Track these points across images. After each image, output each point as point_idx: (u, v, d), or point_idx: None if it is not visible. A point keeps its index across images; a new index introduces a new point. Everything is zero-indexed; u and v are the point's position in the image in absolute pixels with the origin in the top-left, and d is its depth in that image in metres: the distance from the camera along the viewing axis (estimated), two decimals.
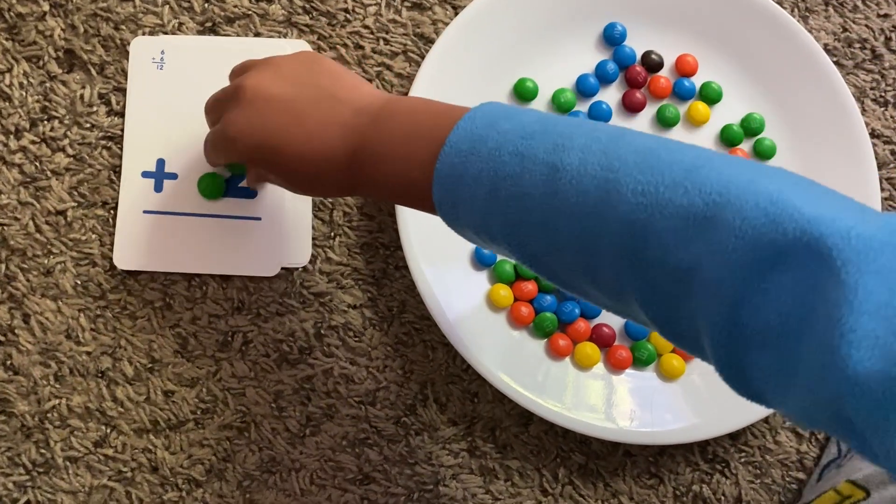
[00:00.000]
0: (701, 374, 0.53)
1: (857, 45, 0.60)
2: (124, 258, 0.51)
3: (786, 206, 0.27)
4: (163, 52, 0.53)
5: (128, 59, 0.53)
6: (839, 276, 0.25)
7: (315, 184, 0.43)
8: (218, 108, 0.45)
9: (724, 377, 0.30)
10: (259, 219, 0.52)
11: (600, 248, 0.31)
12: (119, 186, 0.52)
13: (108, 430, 0.49)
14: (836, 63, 0.59)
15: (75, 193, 0.52)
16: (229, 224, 0.52)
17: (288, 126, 0.41)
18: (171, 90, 0.53)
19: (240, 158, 0.44)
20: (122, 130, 0.52)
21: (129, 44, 0.53)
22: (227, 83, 0.53)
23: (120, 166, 0.52)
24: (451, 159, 0.35)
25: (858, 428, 0.26)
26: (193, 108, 0.52)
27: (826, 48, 0.59)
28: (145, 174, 0.52)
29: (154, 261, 0.51)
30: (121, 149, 0.52)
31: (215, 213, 0.52)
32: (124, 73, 0.53)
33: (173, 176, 0.52)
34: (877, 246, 0.25)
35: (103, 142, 0.52)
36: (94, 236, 0.51)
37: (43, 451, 0.49)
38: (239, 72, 0.46)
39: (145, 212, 0.51)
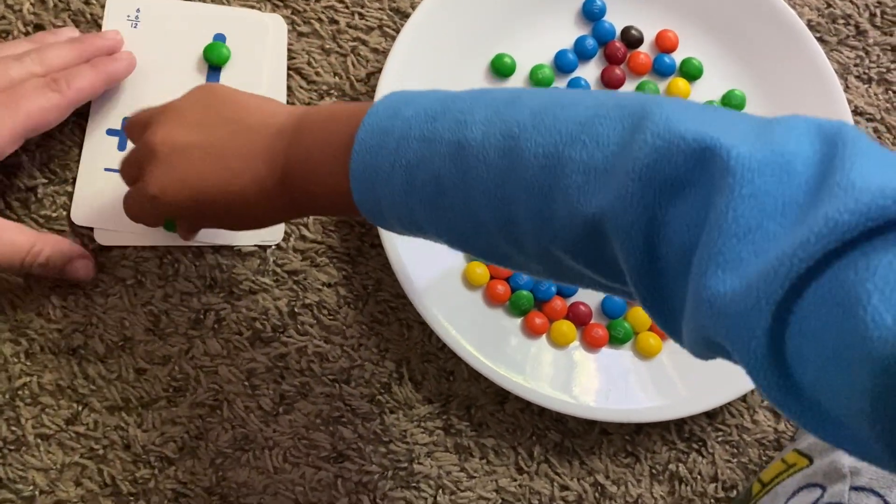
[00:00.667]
0: (677, 352, 0.53)
1: (842, 21, 0.60)
2: (82, 215, 0.50)
3: (673, 136, 0.27)
4: (138, 10, 0.53)
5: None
6: (716, 200, 0.26)
7: (256, 218, 0.42)
8: (132, 170, 0.44)
9: (653, 315, 0.30)
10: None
11: (517, 216, 0.32)
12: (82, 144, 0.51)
13: (80, 408, 0.49)
14: (820, 39, 0.58)
15: (45, 170, 0.51)
16: None
17: (212, 171, 0.40)
18: (143, 49, 0.52)
19: (170, 215, 0.43)
20: (89, 109, 0.51)
21: (100, 18, 0.52)
22: (198, 50, 0.52)
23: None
24: (363, 157, 0.35)
25: (728, 349, 0.26)
26: (164, 68, 0.52)
27: (809, 24, 0.58)
28: (110, 132, 0.51)
29: (112, 221, 0.50)
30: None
31: None
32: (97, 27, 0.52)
33: None
34: (755, 167, 0.25)
35: (73, 118, 0.51)
36: (64, 213, 0.51)
37: (14, 428, 0.48)
38: (138, 126, 0.44)
39: (107, 169, 0.51)
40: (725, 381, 0.52)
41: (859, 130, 0.27)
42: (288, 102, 0.54)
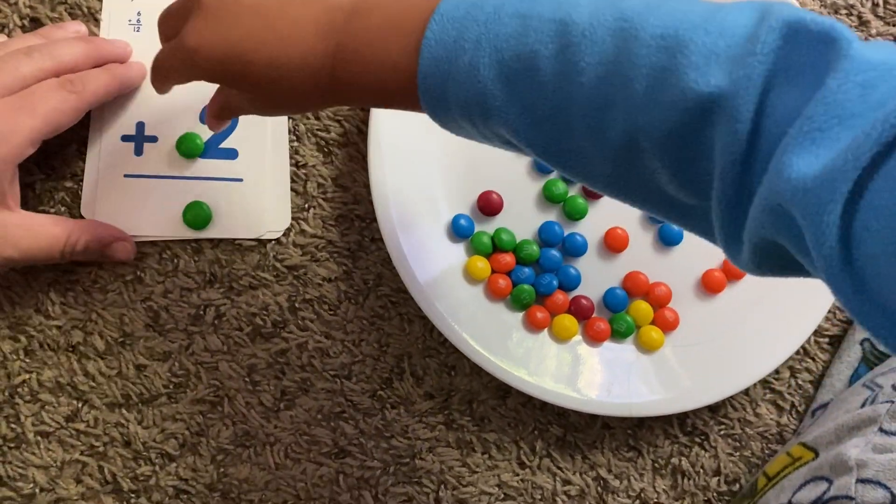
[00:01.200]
0: (679, 346, 0.53)
1: (844, 12, 0.59)
2: (104, 219, 0.50)
3: (800, 23, 0.28)
4: (139, 14, 0.52)
5: (98, 26, 0.52)
6: (828, 81, 0.27)
7: (292, 94, 0.38)
8: (171, 21, 0.41)
9: (721, 214, 0.30)
10: (241, 180, 0.51)
11: (617, 98, 0.31)
12: (87, 151, 0.51)
13: (80, 405, 0.49)
14: None
15: (43, 165, 0.51)
16: (212, 186, 0.51)
17: (258, 31, 0.37)
18: (147, 52, 0.51)
19: (203, 76, 0.40)
20: None
21: (98, 11, 0.52)
22: None
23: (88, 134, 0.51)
24: (444, 25, 0.33)
25: (798, 222, 0.27)
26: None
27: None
28: (125, 138, 0.51)
29: (135, 225, 0.50)
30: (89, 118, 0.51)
31: (197, 175, 0.51)
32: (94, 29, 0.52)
33: (153, 139, 0.51)
34: (871, 60, 0.27)
35: None
36: (62, 209, 0.50)
37: (13, 425, 0.48)
38: None
39: (126, 175, 0.51)
40: (728, 374, 0.52)
41: None
42: None
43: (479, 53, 0.32)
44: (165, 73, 0.43)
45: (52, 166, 0.51)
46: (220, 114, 0.44)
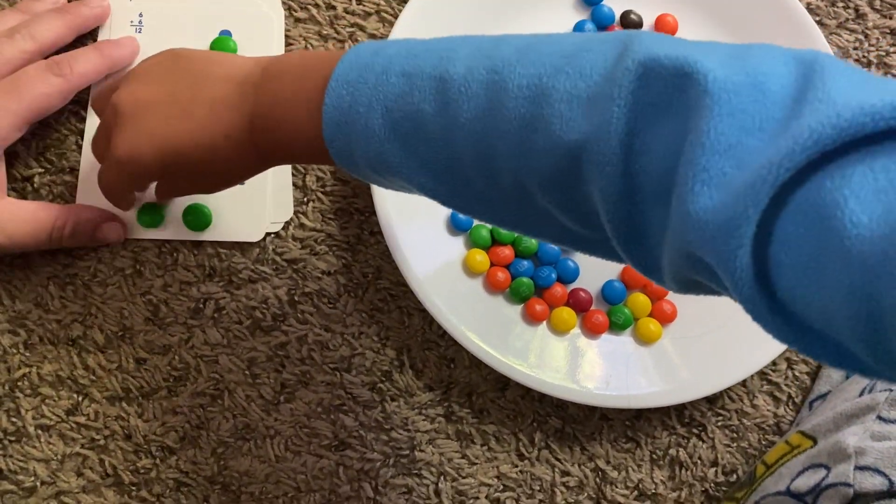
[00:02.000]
0: (677, 338, 0.53)
1: (841, 5, 0.59)
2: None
3: (654, 62, 0.28)
4: (141, 15, 0.52)
5: (99, 28, 0.52)
6: (695, 122, 0.27)
7: (226, 170, 0.41)
8: (101, 142, 0.43)
9: (627, 253, 0.31)
10: (242, 182, 0.51)
11: (497, 149, 0.32)
12: (82, 147, 0.51)
13: (80, 398, 0.49)
14: (819, 22, 0.58)
15: (42, 159, 0.51)
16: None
17: (177, 122, 0.39)
18: (150, 52, 0.51)
19: (142, 179, 0.42)
20: (89, 94, 0.51)
21: None
22: (204, 47, 0.52)
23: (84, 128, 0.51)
24: (339, 92, 0.35)
25: (712, 265, 0.27)
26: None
27: (809, 7, 0.58)
28: None
29: (138, 230, 0.50)
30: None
31: None
32: (93, 37, 0.52)
33: None
34: (731, 88, 0.26)
35: (70, 106, 0.51)
36: (61, 202, 0.50)
37: (14, 419, 0.48)
38: (104, 96, 0.44)
39: None
40: (725, 366, 0.52)
41: (833, 56, 0.28)
42: None
43: (372, 115, 0.34)
44: (113, 190, 0.44)
45: (51, 160, 0.51)
46: (169, 198, 0.48)
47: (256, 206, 0.51)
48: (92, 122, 0.51)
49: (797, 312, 0.26)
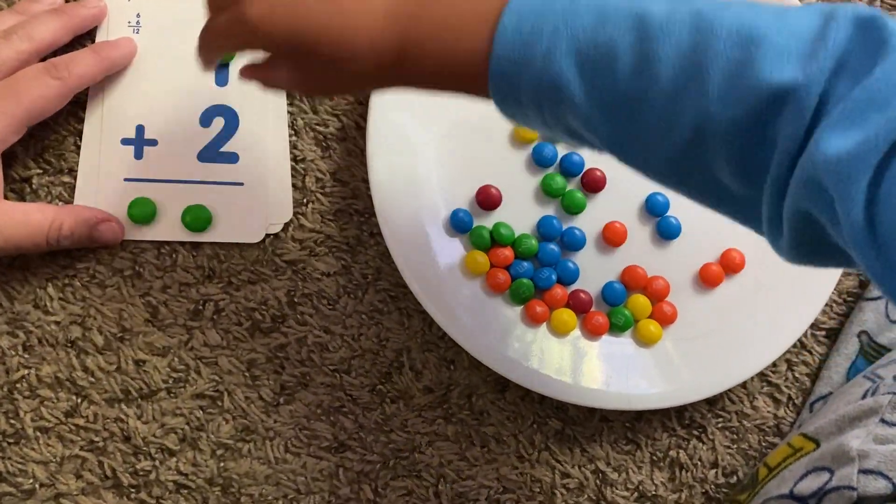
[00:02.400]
0: (677, 339, 0.53)
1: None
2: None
3: (864, 21, 0.30)
4: (139, 16, 0.52)
5: (97, 28, 0.52)
6: (874, 70, 0.29)
7: (352, 75, 0.37)
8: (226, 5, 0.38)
9: (773, 201, 0.32)
10: (242, 184, 0.51)
11: (691, 90, 0.32)
12: (80, 149, 0.51)
13: (79, 400, 0.49)
14: None
15: (40, 160, 0.50)
16: (212, 190, 0.51)
17: (326, 8, 0.36)
18: (148, 53, 0.52)
19: (261, 46, 0.38)
20: (87, 96, 0.51)
21: None
22: None
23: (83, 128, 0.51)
24: (521, 13, 0.33)
25: (830, 206, 0.29)
26: (171, 71, 0.51)
27: None
28: (125, 141, 0.51)
29: (136, 230, 0.50)
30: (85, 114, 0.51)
31: (198, 179, 0.51)
32: (91, 38, 0.52)
33: (153, 142, 0.51)
34: None
35: (69, 107, 0.50)
36: (60, 203, 0.50)
37: (13, 421, 0.48)
38: None
39: (126, 179, 0.50)
40: (725, 367, 0.52)
41: None
42: None
43: (557, 42, 0.33)
44: (219, 42, 0.41)
45: (49, 161, 0.50)
46: (267, 85, 0.42)
47: (256, 207, 0.51)
48: (91, 124, 0.51)
49: (891, 250, 0.28)
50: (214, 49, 0.41)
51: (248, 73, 0.41)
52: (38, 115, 0.47)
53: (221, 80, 0.52)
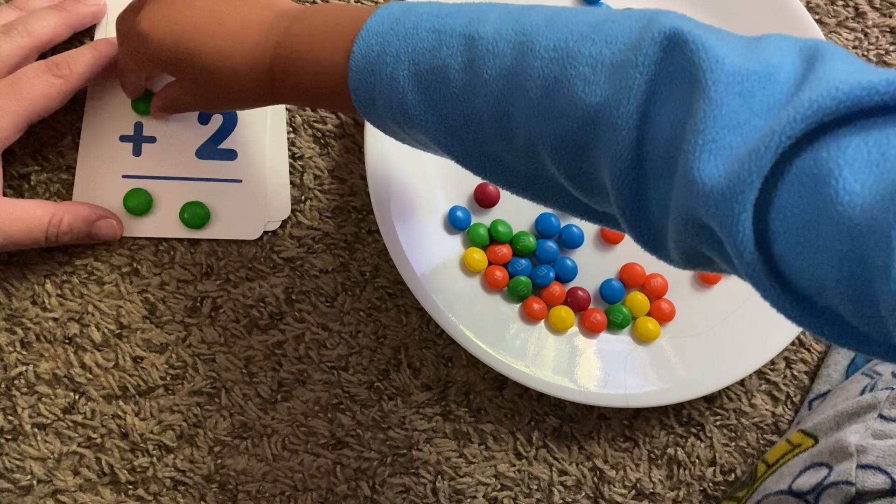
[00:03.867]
0: (675, 337, 0.53)
1: (840, 3, 0.59)
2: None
3: (677, 37, 0.30)
4: None
5: (96, 26, 0.52)
6: (709, 95, 0.28)
7: (232, 88, 0.41)
8: (129, 17, 0.43)
9: (632, 227, 0.32)
10: (240, 181, 0.51)
11: (516, 107, 0.33)
12: (79, 146, 0.51)
13: (77, 397, 0.49)
14: (819, 21, 0.58)
15: (39, 157, 0.50)
16: (211, 187, 0.51)
17: (208, 24, 0.40)
18: None
19: (152, 62, 0.42)
20: (86, 93, 0.51)
21: None
22: None
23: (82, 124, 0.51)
24: (369, 41, 0.36)
25: (716, 233, 0.28)
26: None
27: (808, 5, 0.58)
28: (123, 138, 0.51)
29: (134, 225, 0.50)
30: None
31: (196, 176, 0.51)
32: (89, 36, 0.52)
33: (152, 139, 0.51)
34: (744, 72, 0.28)
35: (67, 104, 0.50)
36: (58, 200, 0.50)
37: (10, 417, 0.48)
38: None
39: (124, 176, 0.50)
40: (723, 365, 0.52)
41: (835, 44, 0.30)
42: None
43: (399, 66, 0.35)
44: (127, 63, 0.45)
45: (48, 158, 0.50)
46: (165, 107, 0.49)
47: (255, 204, 0.51)
48: (89, 122, 0.51)
49: (793, 279, 0.27)
50: (128, 71, 0.46)
51: (154, 104, 0.49)
52: (41, 114, 0.47)
53: None
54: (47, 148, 0.50)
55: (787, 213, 0.26)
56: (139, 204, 0.50)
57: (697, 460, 0.53)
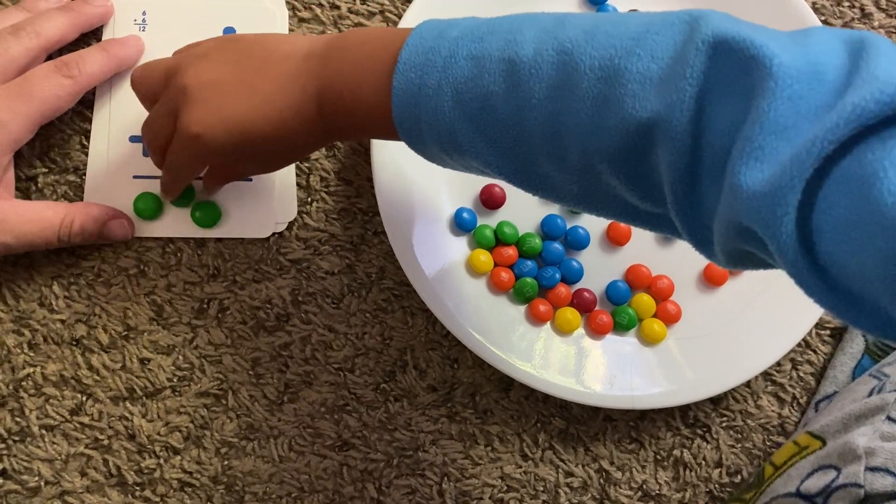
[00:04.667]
0: (682, 338, 0.53)
1: (847, 4, 0.59)
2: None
3: (723, 43, 0.30)
4: (144, 13, 0.52)
5: (103, 26, 0.52)
6: (757, 102, 0.28)
7: (293, 146, 0.42)
8: (162, 122, 0.43)
9: (684, 225, 0.33)
10: (250, 179, 0.51)
11: (567, 126, 0.33)
12: (89, 146, 0.51)
13: (84, 398, 0.49)
14: (825, 22, 0.58)
15: (46, 159, 0.51)
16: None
17: (246, 100, 0.40)
18: (153, 51, 0.52)
19: (210, 156, 0.43)
20: (94, 95, 0.51)
21: None
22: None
23: (90, 131, 0.51)
24: (407, 75, 0.36)
25: (760, 235, 0.28)
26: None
27: (814, 6, 0.58)
28: (133, 138, 0.51)
29: (146, 225, 0.50)
30: (92, 113, 0.51)
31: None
32: (96, 36, 0.52)
33: None
34: (794, 74, 0.28)
35: (74, 105, 0.51)
36: (65, 202, 0.50)
37: (18, 419, 0.48)
38: (152, 78, 0.44)
39: (135, 177, 0.51)
40: (729, 366, 0.52)
41: (881, 36, 0.30)
42: None
43: (441, 97, 0.35)
44: (182, 169, 0.45)
45: (55, 160, 0.51)
46: (223, 182, 0.49)
47: (265, 202, 0.51)
48: (99, 123, 0.51)
49: (837, 276, 0.28)
50: (181, 175, 0.46)
51: (212, 183, 0.49)
52: (51, 114, 0.47)
53: None
54: (55, 150, 0.51)
55: (832, 213, 0.27)
56: (148, 208, 0.50)
57: (704, 462, 0.53)
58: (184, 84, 0.41)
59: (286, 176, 0.52)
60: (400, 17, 0.54)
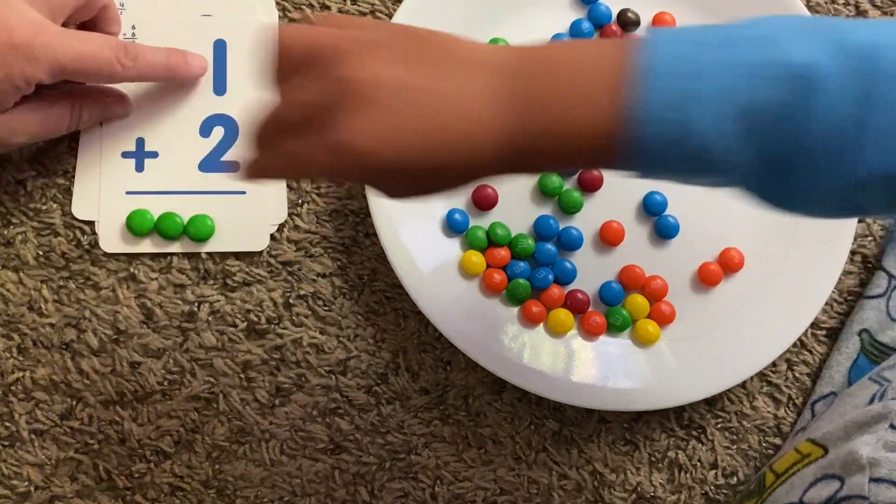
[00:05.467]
0: (675, 339, 0.52)
1: (842, 2, 0.59)
2: (111, 242, 0.50)
3: None
4: (134, 28, 0.52)
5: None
6: None
7: (468, 174, 0.34)
8: (298, 125, 0.33)
9: None
10: (244, 192, 0.51)
11: (867, 138, 0.30)
12: (77, 152, 0.51)
13: (74, 403, 0.49)
14: None
15: (35, 162, 0.50)
16: (215, 199, 0.51)
17: (436, 116, 0.32)
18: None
19: (366, 178, 0.35)
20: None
21: None
22: (202, 51, 0.51)
23: (79, 133, 0.51)
24: (660, 86, 0.30)
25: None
26: (170, 83, 0.51)
27: (809, 5, 0.58)
28: (125, 154, 0.51)
29: (139, 243, 0.50)
30: None
31: (200, 189, 0.51)
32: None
33: (154, 154, 0.51)
34: None
35: None
36: (55, 205, 0.50)
37: (7, 424, 0.48)
38: (310, 58, 0.33)
39: (128, 193, 0.50)
40: (724, 367, 0.52)
41: None
42: None
43: (703, 109, 0.31)
44: (305, 174, 0.38)
45: (44, 163, 0.50)
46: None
47: (259, 214, 0.51)
48: (89, 139, 0.50)
49: None
50: (296, 177, 0.40)
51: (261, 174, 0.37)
52: (77, 73, 0.44)
53: (219, 90, 0.52)
54: (44, 153, 0.50)
55: None
56: (141, 225, 0.50)
57: (699, 463, 0.53)
58: (354, 77, 0.32)
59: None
60: (390, 17, 0.53)
